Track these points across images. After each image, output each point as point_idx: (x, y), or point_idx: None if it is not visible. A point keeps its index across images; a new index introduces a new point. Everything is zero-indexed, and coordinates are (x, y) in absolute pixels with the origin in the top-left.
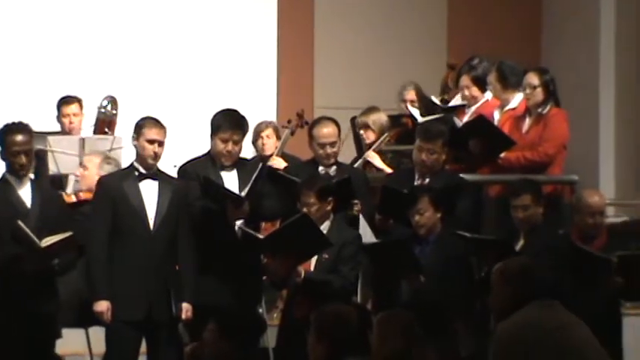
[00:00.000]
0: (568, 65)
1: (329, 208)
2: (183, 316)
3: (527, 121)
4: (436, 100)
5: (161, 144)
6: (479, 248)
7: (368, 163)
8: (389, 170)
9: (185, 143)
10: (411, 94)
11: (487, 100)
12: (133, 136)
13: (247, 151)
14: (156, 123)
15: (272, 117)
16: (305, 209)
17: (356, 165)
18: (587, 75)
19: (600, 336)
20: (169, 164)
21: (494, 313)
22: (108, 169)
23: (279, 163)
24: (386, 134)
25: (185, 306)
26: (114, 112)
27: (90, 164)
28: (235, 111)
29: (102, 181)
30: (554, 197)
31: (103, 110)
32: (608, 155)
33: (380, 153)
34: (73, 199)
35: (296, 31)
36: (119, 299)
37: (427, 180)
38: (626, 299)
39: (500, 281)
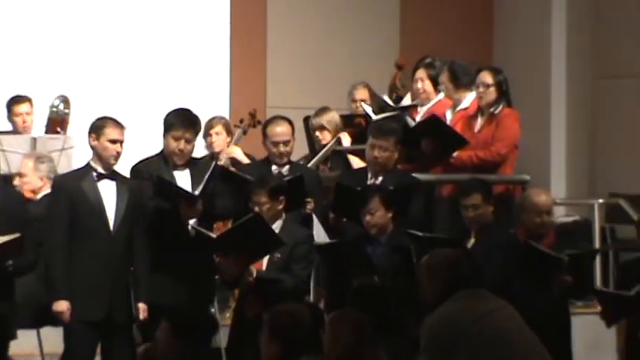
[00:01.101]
0: (519, 65)
1: (280, 207)
2: (141, 316)
3: (480, 121)
4: (388, 99)
5: (122, 144)
6: (431, 247)
7: (340, 146)
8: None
9: (138, 142)
10: (360, 94)
11: (440, 100)
12: (91, 136)
13: (199, 147)
14: (117, 123)
15: (225, 116)
16: (257, 208)
17: (330, 144)
18: (538, 75)
19: (550, 334)
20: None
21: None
22: (44, 167)
23: (236, 152)
24: (339, 135)
25: (142, 306)
26: (66, 111)
27: (25, 169)
28: (188, 110)
29: (58, 181)
30: (505, 197)
31: (54, 109)
32: (559, 155)
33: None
34: None
35: (248, 31)
36: (79, 299)
37: (380, 179)
38: (576, 298)
39: (426, 275)
